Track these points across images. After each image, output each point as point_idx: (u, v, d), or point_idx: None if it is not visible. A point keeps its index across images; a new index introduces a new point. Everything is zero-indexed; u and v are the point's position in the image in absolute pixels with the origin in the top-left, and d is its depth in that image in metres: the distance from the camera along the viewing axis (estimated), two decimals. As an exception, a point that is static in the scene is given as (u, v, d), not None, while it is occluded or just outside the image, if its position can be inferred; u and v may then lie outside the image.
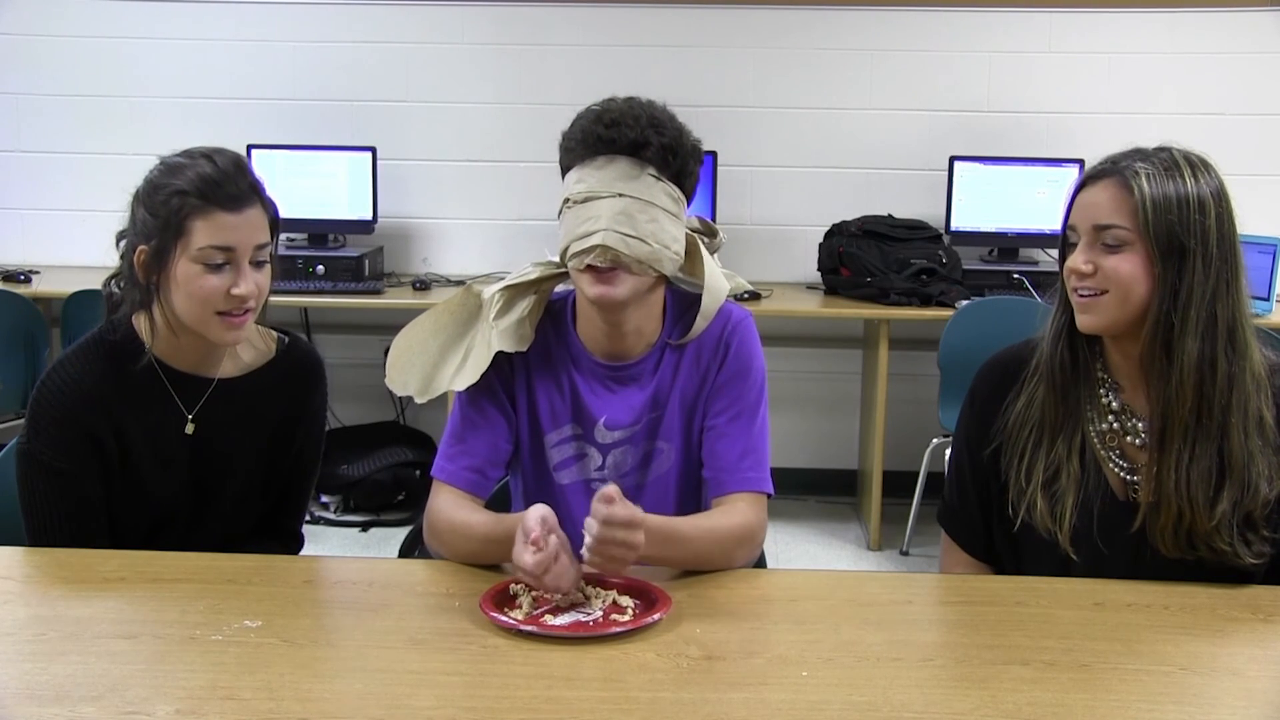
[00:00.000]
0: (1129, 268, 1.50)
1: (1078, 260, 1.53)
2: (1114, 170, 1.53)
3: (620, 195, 1.59)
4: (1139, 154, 1.54)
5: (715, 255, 1.79)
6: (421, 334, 1.78)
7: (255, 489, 1.85)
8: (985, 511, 1.68)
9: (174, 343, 1.75)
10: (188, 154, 1.70)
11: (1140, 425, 1.58)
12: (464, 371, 1.72)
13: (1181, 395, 1.50)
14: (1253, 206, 1.57)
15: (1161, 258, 1.48)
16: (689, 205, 1.70)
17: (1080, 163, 4.11)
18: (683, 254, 1.67)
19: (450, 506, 1.66)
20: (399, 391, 1.77)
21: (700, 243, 1.73)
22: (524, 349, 1.72)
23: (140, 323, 1.74)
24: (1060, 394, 1.59)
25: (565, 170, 1.67)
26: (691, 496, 1.78)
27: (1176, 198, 1.48)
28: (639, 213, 1.59)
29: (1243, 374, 1.52)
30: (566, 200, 1.64)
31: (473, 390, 1.71)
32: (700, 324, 1.72)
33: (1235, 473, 1.51)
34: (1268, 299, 3.70)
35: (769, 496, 1.71)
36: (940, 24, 4.31)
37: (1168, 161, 1.51)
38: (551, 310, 1.78)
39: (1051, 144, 4.28)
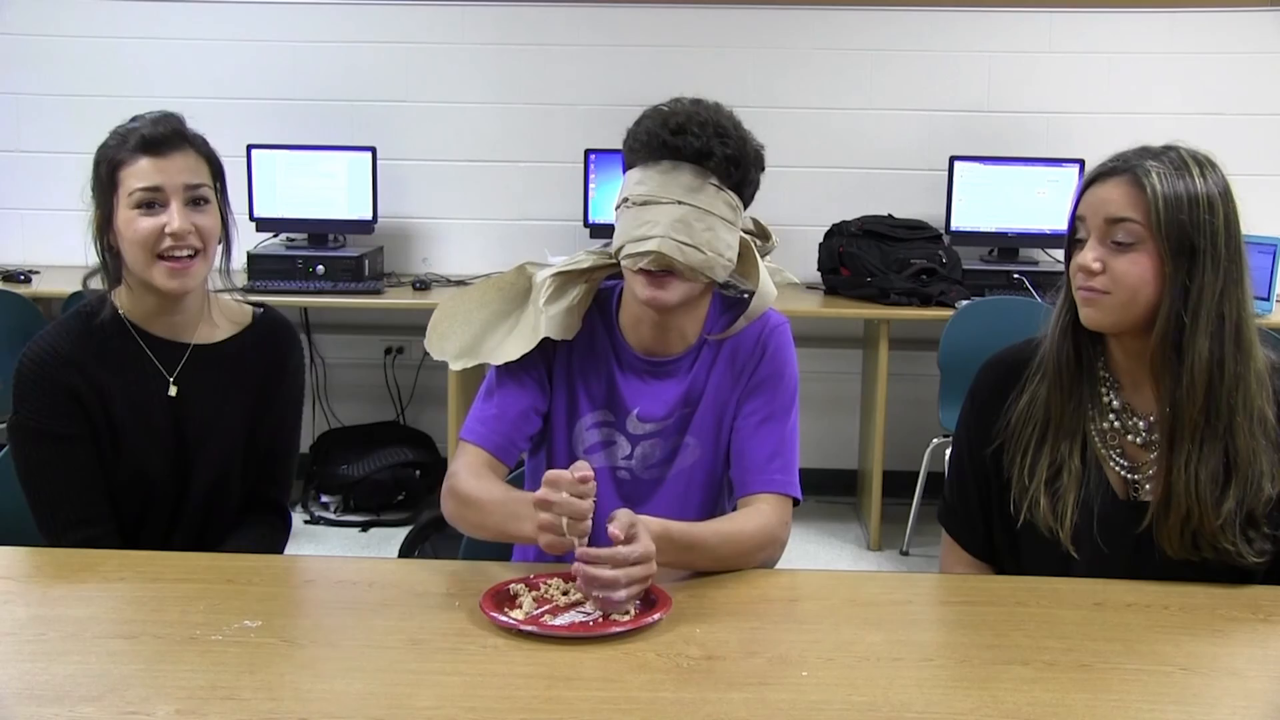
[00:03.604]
0: (1138, 270, 1.49)
1: (1087, 257, 1.52)
2: (1125, 168, 1.52)
3: (680, 203, 1.60)
4: (1148, 152, 1.53)
5: (766, 257, 1.80)
6: (467, 303, 1.79)
7: (237, 456, 1.86)
8: (985, 510, 1.68)
9: (145, 306, 1.79)
10: (130, 119, 1.77)
11: (1141, 424, 1.59)
12: (505, 348, 1.73)
13: (1192, 395, 1.50)
14: (1253, 206, 1.57)
15: (1172, 257, 1.48)
16: (746, 209, 1.71)
17: (1080, 163, 4.11)
18: (735, 260, 1.68)
19: (473, 472, 1.66)
20: (435, 355, 1.77)
21: (753, 245, 1.74)
22: (569, 337, 1.74)
23: (118, 295, 1.80)
24: (1064, 391, 1.59)
25: (627, 167, 1.68)
26: (713, 494, 1.79)
27: (1187, 197, 1.48)
28: (696, 221, 1.60)
29: (1248, 373, 1.52)
30: (625, 199, 1.64)
31: (514, 360, 1.72)
32: (742, 322, 1.74)
33: (1240, 471, 1.52)
34: (1268, 299, 3.70)
35: (795, 502, 1.72)
36: (940, 24, 4.31)
37: (1177, 161, 1.51)
38: (598, 299, 1.79)
39: (1051, 144, 4.28)
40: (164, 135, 1.72)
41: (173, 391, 1.80)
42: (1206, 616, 1.46)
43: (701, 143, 1.60)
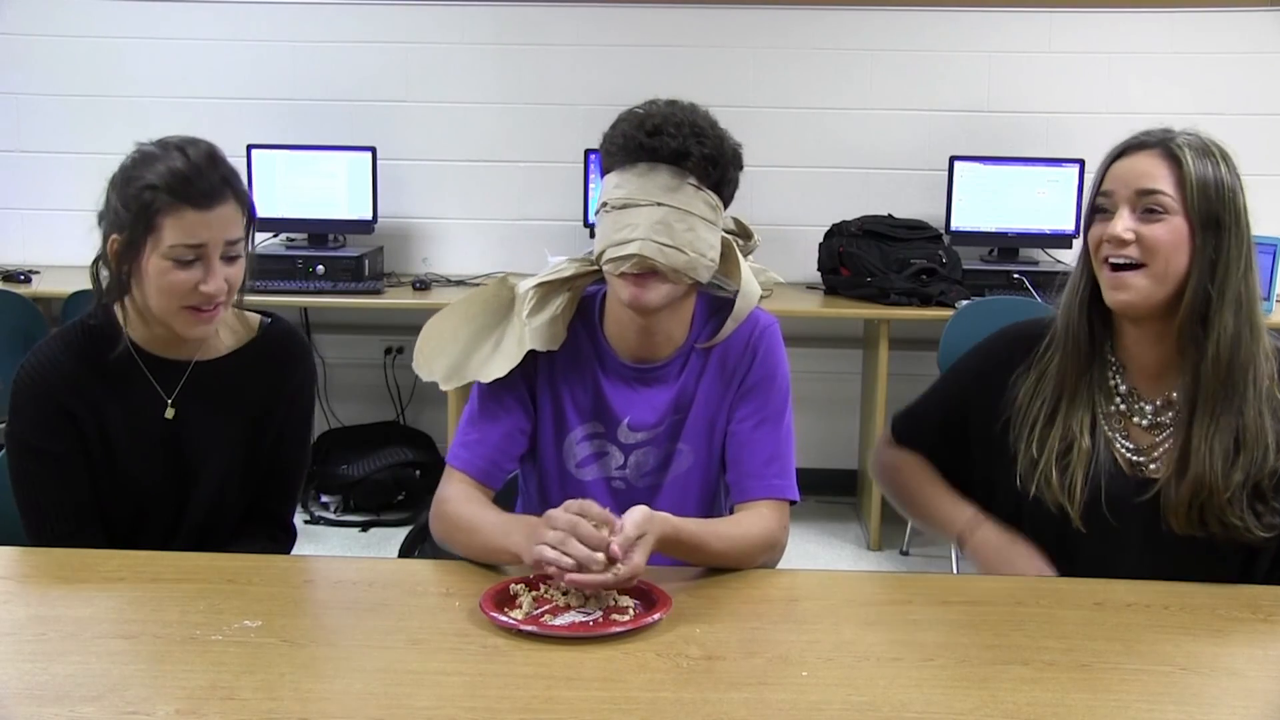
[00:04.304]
0: (1172, 238, 1.52)
1: (1118, 227, 1.54)
2: (1155, 141, 1.56)
3: (659, 204, 1.59)
4: (1173, 131, 1.58)
5: (749, 256, 1.79)
6: (452, 321, 1.77)
7: (236, 472, 1.84)
8: (945, 428, 1.77)
9: (151, 330, 1.76)
10: (162, 144, 1.69)
11: (1148, 409, 1.62)
12: (492, 364, 1.72)
13: (1216, 369, 1.54)
14: (1253, 206, 1.59)
15: (1201, 229, 1.52)
16: (726, 209, 1.70)
17: (1080, 162, 4.10)
18: (718, 260, 1.67)
19: (462, 497, 1.67)
20: (425, 377, 1.76)
21: (735, 245, 1.73)
22: (555, 348, 1.72)
23: (119, 309, 1.75)
24: (1079, 363, 1.62)
25: (605, 171, 1.67)
26: (709, 498, 1.79)
27: (1213, 173, 1.54)
28: (677, 222, 1.59)
29: (1258, 351, 1.56)
30: (605, 204, 1.64)
31: (495, 381, 1.71)
32: (730, 326, 1.73)
33: (1248, 446, 1.55)
34: (1268, 299, 3.70)
35: (793, 503, 1.73)
36: (940, 24, 4.31)
37: (1201, 141, 1.57)
38: (581, 307, 1.77)
39: (1051, 144, 4.28)
40: (211, 186, 1.64)
41: (170, 414, 1.77)
42: (1206, 616, 1.46)
43: (678, 143, 1.59)
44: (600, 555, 1.39)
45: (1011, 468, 1.64)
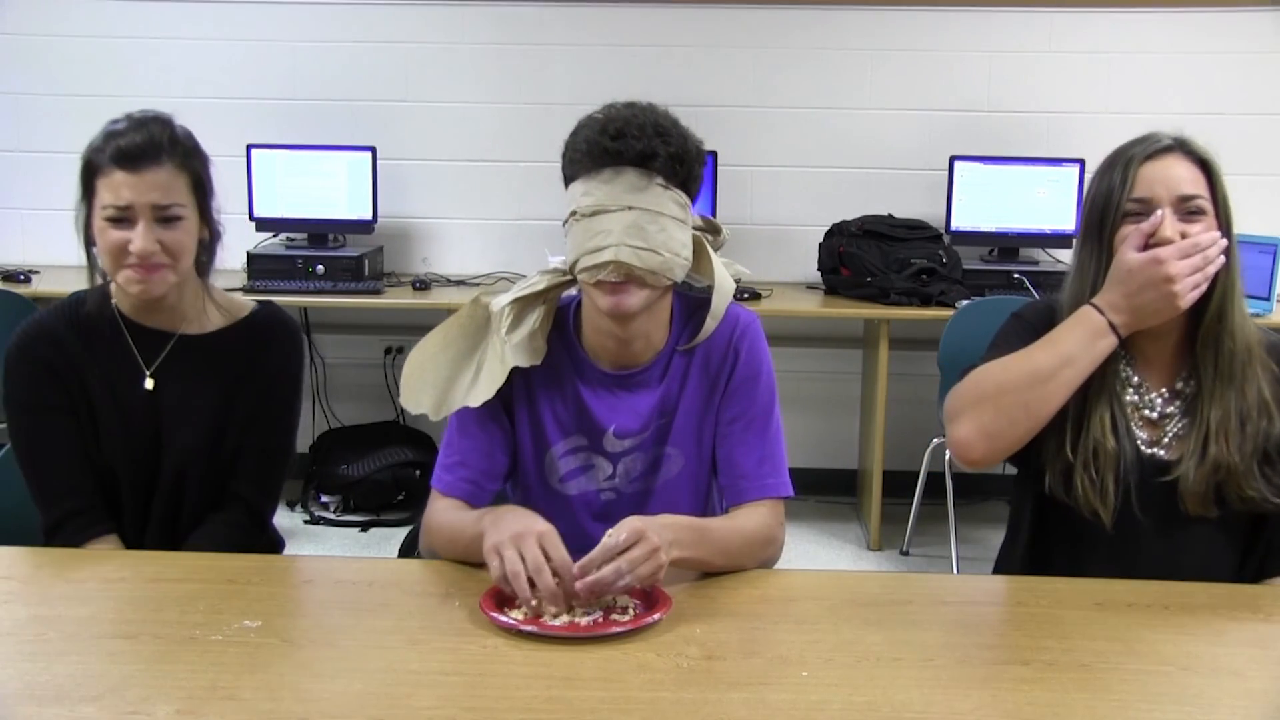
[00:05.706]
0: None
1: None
2: (1177, 147, 1.63)
3: (630, 208, 1.58)
4: (1183, 136, 1.64)
5: (718, 252, 1.79)
6: (432, 350, 1.76)
7: (203, 449, 1.83)
8: None
9: (128, 299, 1.80)
10: (125, 116, 1.75)
11: (1158, 400, 1.66)
12: (477, 388, 1.70)
13: (1233, 358, 1.62)
14: (1253, 206, 1.62)
15: (1226, 229, 1.60)
16: (693, 205, 1.70)
17: (1080, 162, 4.10)
18: (691, 258, 1.67)
19: (444, 509, 1.67)
20: (414, 410, 1.74)
21: (705, 241, 1.73)
22: (538, 362, 1.71)
23: (103, 277, 1.81)
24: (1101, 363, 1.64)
25: (569, 180, 1.65)
26: (701, 500, 1.78)
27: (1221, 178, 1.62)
28: (649, 224, 1.58)
29: (1250, 333, 1.64)
30: (574, 213, 1.62)
31: None
32: (710, 324, 1.72)
33: (1253, 418, 1.62)
34: (1268, 299, 3.70)
35: (786, 499, 1.73)
36: (940, 24, 4.31)
37: (1201, 145, 1.64)
38: (555, 319, 1.76)
39: (1051, 144, 4.28)
40: (140, 148, 1.69)
41: (149, 385, 1.81)
42: (1206, 616, 1.46)
43: (643, 144, 1.57)
44: (552, 601, 1.39)
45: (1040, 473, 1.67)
